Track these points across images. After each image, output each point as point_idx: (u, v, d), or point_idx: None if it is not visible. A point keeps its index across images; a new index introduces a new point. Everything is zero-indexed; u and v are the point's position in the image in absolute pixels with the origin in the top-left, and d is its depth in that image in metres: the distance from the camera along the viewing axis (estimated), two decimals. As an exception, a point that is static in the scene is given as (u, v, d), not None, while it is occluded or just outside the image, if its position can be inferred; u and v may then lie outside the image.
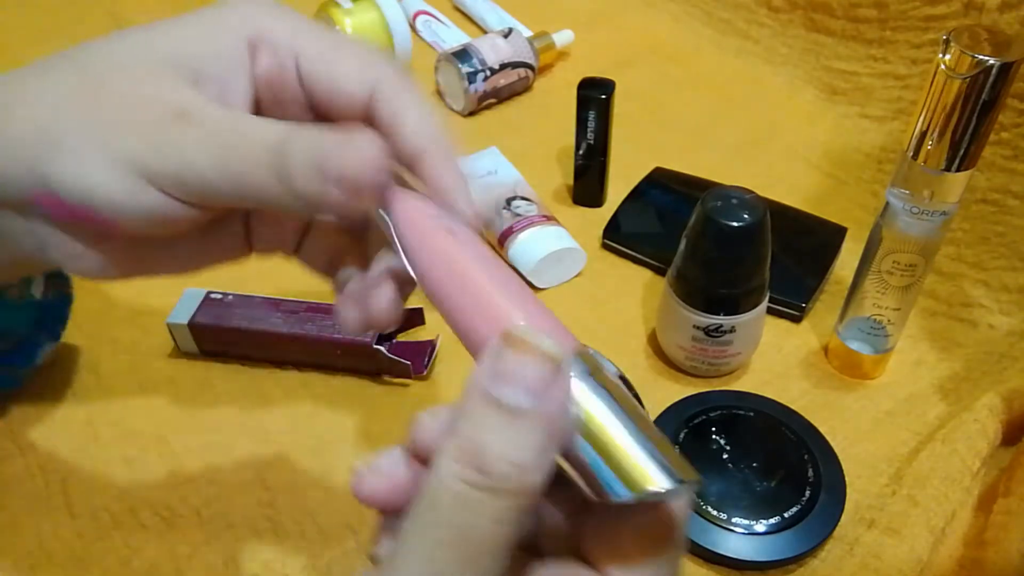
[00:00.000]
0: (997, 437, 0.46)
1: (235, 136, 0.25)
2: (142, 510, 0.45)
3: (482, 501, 0.19)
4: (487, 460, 0.19)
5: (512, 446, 0.19)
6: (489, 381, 0.20)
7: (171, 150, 0.25)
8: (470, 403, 0.20)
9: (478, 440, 0.19)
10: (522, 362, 0.19)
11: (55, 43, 0.87)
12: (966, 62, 0.37)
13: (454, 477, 0.19)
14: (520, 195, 0.61)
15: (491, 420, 0.19)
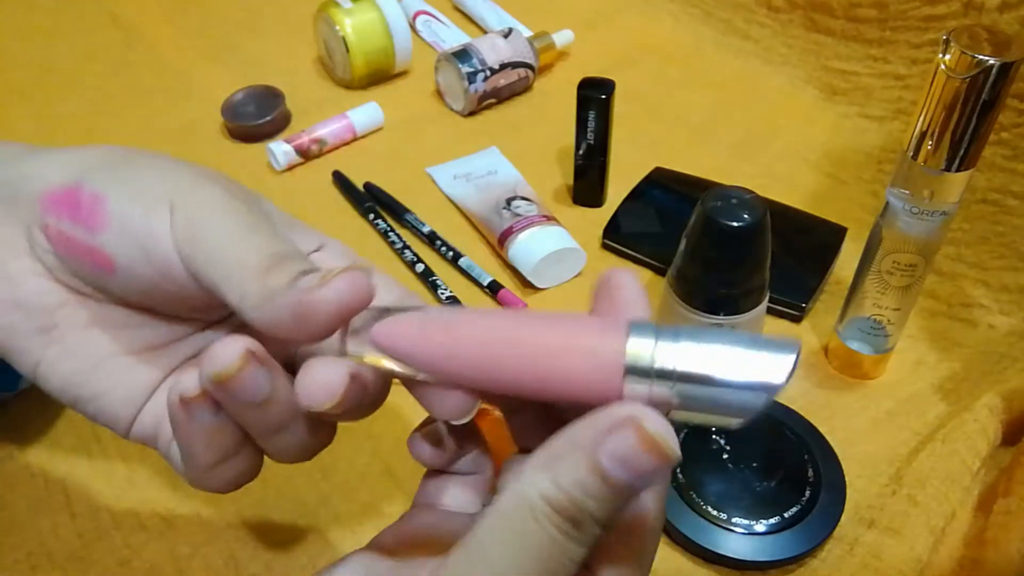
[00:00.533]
0: (997, 437, 0.46)
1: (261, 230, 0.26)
2: (142, 510, 0.45)
3: (568, 547, 0.21)
4: (584, 522, 0.21)
5: (604, 511, 0.21)
6: (605, 455, 0.21)
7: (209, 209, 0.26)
8: (580, 468, 0.21)
9: (581, 503, 0.21)
10: (643, 457, 0.21)
11: (55, 43, 0.87)
12: (966, 62, 0.37)
13: (550, 523, 0.21)
14: (520, 195, 0.61)
15: (597, 490, 0.21)
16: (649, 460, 0.21)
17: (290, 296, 0.23)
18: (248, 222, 0.26)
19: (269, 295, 0.23)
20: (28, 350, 0.28)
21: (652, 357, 0.21)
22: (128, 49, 0.83)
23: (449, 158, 0.69)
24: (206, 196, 0.26)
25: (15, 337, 0.28)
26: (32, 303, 0.28)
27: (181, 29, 0.85)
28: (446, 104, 0.76)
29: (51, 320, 0.28)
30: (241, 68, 0.80)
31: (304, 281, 0.23)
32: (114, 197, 0.26)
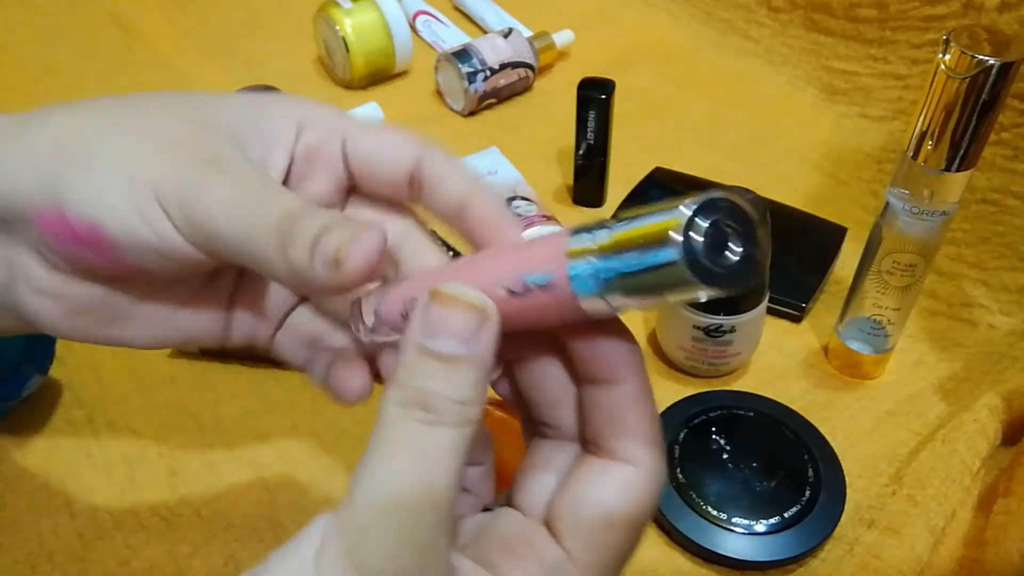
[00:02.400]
0: (997, 437, 0.46)
1: (258, 195, 0.25)
2: (142, 510, 0.45)
3: (436, 434, 0.21)
4: (431, 401, 0.21)
5: (454, 388, 0.21)
6: (422, 335, 0.21)
7: (196, 189, 0.25)
8: (407, 357, 0.21)
9: (420, 386, 0.21)
10: (450, 314, 0.21)
11: (55, 43, 0.87)
12: (966, 62, 0.37)
13: (406, 419, 0.21)
14: (520, 195, 0.61)
15: (429, 368, 0.21)
16: (458, 315, 0.21)
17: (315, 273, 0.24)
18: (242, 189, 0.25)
19: (294, 273, 0.25)
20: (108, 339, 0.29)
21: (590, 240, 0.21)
22: (128, 49, 0.83)
23: (449, 158, 0.69)
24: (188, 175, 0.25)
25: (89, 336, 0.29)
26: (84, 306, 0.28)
27: (181, 29, 0.85)
28: (446, 104, 0.76)
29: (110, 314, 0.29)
30: (241, 68, 0.80)
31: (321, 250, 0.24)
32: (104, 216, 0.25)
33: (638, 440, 0.24)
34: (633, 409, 0.24)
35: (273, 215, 0.25)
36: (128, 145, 0.26)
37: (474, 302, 0.22)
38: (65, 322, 0.28)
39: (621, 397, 0.24)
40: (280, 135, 0.28)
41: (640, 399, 0.24)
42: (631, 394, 0.24)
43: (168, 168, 0.25)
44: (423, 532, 0.21)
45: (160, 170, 0.25)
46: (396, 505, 0.20)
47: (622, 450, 0.24)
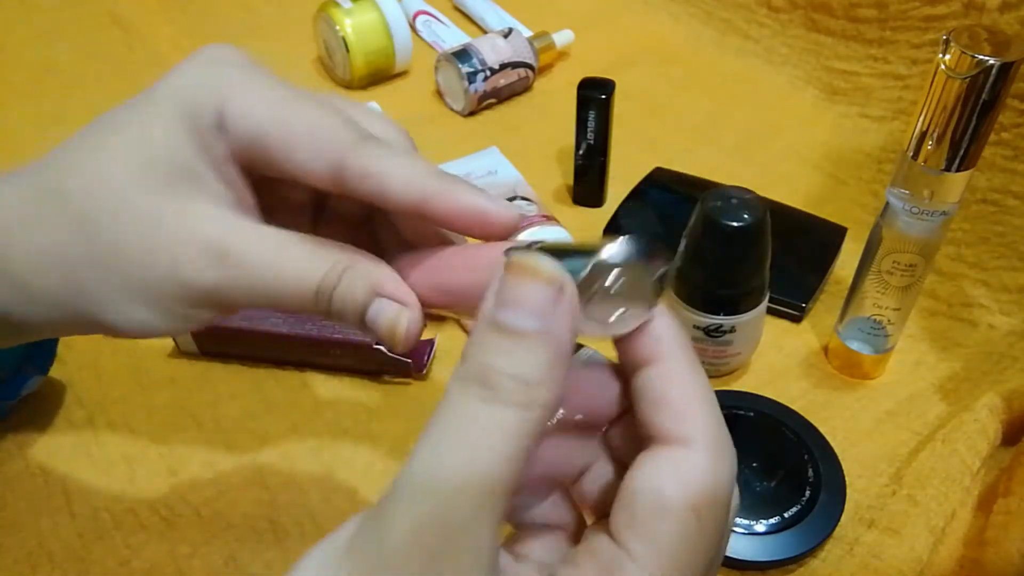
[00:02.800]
0: (997, 437, 0.46)
1: (279, 278, 0.26)
2: (142, 510, 0.45)
3: (490, 414, 0.19)
4: (491, 377, 0.19)
5: (515, 363, 0.19)
6: (494, 309, 0.20)
7: (219, 290, 0.26)
8: (478, 333, 0.20)
9: (483, 361, 0.20)
10: (523, 286, 0.20)
11: (55, 43, 0.87)
12: (966, 62, 0.37)
13: (463, 395, 0.19)
14: (520, 195, 0.61)
15: (495, 343, 0.20)
16: (531, 288, 0.20)
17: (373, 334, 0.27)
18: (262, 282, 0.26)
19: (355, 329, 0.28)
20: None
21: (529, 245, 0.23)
22: (128, 49, 0.83)
23: (449, 158, 0.69)
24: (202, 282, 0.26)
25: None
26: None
27: (181, 29, 0.85)
28: (446, 104, 0.76)
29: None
30: (241, 68, 0.79)
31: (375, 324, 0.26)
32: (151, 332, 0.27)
33: (686, 417, 0.22)
34: (677, 384, 0.22)
35: (307, 291, 0.26)
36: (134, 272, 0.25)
37: (550, 274, 0.20)
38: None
39: (664, 374, 0.22)
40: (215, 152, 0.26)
41: (683, 373, 0.22)
42: (673, 370, 0.22)
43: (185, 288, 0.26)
44: (455, 513, 0.19)
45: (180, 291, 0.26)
46: (430, 484, 0.19)
47: (671, 430, 0.22)
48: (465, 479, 0.19)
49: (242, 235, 0.26)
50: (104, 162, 0.26)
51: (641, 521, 0.21)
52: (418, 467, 0.19)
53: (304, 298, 0.26)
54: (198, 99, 0.26)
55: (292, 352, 0.51)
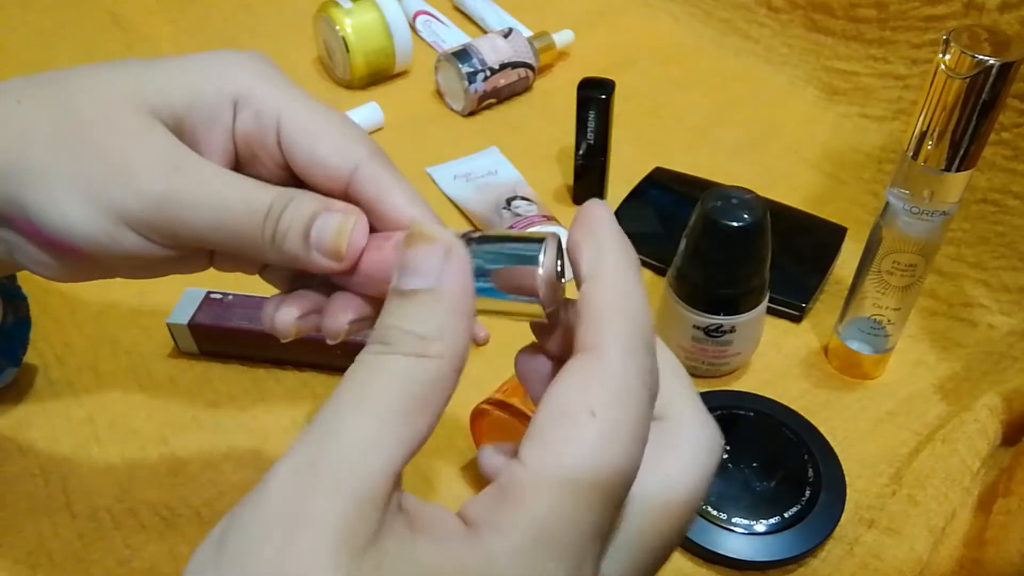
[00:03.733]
0: (997, 437, 0.46)
1: (228, 198, 0.26)
2: (142, 510, 0.45)
3: (392, 362, 0.20)
4: (388, 334, 0.20)
5: (408, 319, 0.20)
6: (395, 278, 0.21)
7: (162, 204, 0.26)
8: (385, 303, 0.21)
9: (383, 323, 0.21)
10: (416, 250, 0.21)
11: (55, 43, 0.87)
12: (966, 62, 0.37)
13: (363, 355, 0.20)
14: (520, 195, 0.61)
15: (394, 305, 0.21)
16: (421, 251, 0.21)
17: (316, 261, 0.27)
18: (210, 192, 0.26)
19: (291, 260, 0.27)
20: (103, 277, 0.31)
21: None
22: (128, 49, 0.83)
23: (449, 158, 0.69)
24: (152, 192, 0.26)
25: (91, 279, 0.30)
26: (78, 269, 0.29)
27: (181, 29, 0.85)
28: (446, 104, 0.76)
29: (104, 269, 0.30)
30: (241, 68, 0.80)
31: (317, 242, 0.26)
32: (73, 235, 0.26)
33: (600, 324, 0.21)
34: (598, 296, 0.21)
35: (254, 216, 0.26)
36: (83, 161, 0.26)
37: (438, 236, 0.21)
38: (66, 277, 0.29)
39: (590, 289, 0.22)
40: (219, 116, 0.28)
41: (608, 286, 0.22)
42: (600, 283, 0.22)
43: (129, 188, 0.26)
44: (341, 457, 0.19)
45: (122, 190, 0.26)
46: (323, 437, 0.19)
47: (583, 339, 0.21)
48: (358, 427, 0.19)
49: (200, 162, 0.27)
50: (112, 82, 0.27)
51: (538, 429, 0.20)
52: (313, 426, 0.20)
53: (252, 220, 0.26)
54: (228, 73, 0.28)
55: (292, 352, 0.51)
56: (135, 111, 0.27)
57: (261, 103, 0.28)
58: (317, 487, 0.18)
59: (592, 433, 0.19)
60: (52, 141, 0.26)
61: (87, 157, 0.26)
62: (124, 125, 0.27)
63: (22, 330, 0.49)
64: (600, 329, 0.21)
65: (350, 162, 0.28)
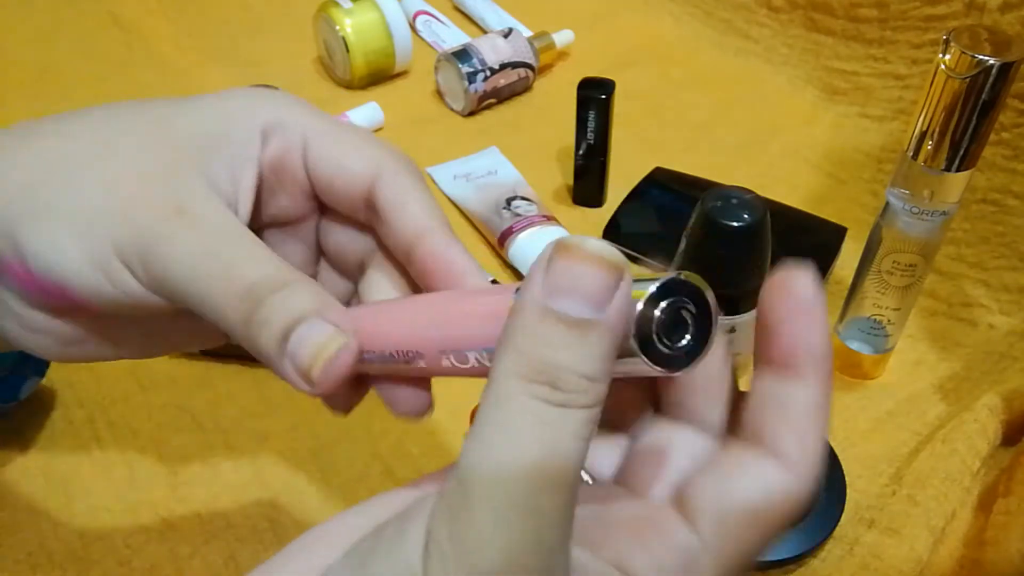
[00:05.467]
0: (997, 437, 0.46)
1: (222, 255, 0.24)
2: (142, 510, 0.45)
3: (562, 417, 0.18)
4: (561, 377, 0.18)
5: (582, 360, 0.18)
6: (547, 295, 0.18)
7: (157, 246, 0.24)
8: (527, 319, 0.18)
9: (547, 358, 0.18)
10: (580, 271, 0.18)
11: (55, 43, 0.87)
12: (966, 62, 0.37)
13: (528, 396, 0.18)
14: (520, 195, 0.61)
15: (557, 335, 0.18)
16: (592, 274, 0.18)
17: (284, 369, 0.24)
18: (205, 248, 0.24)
19: (260, 355, 0.24)
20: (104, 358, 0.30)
21: None
22: (128, 49, 0.83)
23: (449, 158, 0.69)
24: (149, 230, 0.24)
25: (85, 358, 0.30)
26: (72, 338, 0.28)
27: (181, 29, 0.85)
28: (446, 104, 0.76)
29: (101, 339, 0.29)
30: (241, 68, 0.80)
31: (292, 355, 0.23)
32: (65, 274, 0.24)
33: (807, 450, 0.21)
34: (813, 416, 0.21)
35: (236, 285, 0.24)
36: (87, 195, 0.25)
37: (608, 257, 0.18)
38: (58, 352, 0.28)
39: (807, 398, 0.21)
40: (247, 148, 0.27)
41: (822, 405, 0.21)
42: (817, 398, 0.21)
43: (127, 222, 0.24)
44: (548, 530, 0.18)
45: (120, 225, 0.24)
46: (521, 501, 0.17)
47: (788, 452, 0.21)
48: (554, 491, 0.18)
49: (208, 209, 0.25)
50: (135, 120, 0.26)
51: (731, 524, 0.20)
52: (501, 479, 0.18)
53: (233, 290, 0.24)
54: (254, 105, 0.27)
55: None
56: (155, 148, 0.26)
57: (290, 126, 0.27)
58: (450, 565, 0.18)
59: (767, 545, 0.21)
60: (62, 179, 0.25)
61: (95, 192, 0.25)
62: (139, 160, 0.25)
63: None
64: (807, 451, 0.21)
65: (372, 169, 0.27)
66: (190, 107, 0.27)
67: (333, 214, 0.30)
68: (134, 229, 0.24)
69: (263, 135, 0.27)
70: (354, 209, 0.28)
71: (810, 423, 0.21)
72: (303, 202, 0.29)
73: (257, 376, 0.52)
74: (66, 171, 0.25)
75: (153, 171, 0.25)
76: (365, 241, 0.29)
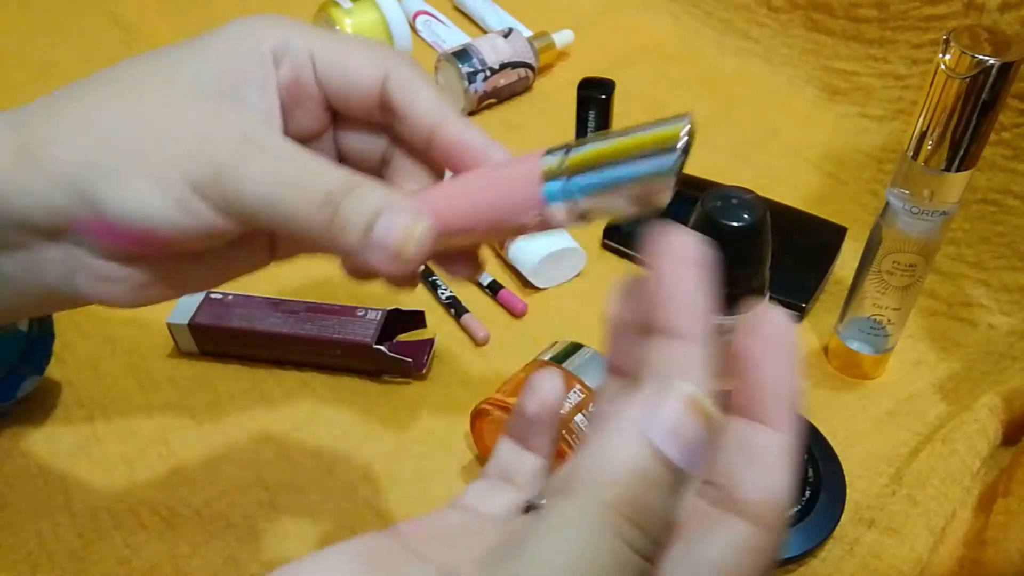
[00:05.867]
0: (997, 437, 0.46)
1: (295, 173, 0.26)
2: (142, 510, 0.45)
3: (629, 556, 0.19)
4: (646, 521, 0.19)
5: (662, 504, 0.19)
6: (657, 432, 0.19)
7: (232, 173, 0.26)
8: (626, 442, 0.19)
9: (641, 495, 0.19)
10: (691, 421, 0.19)
11: (55, 43, 0.87)
12: (966, 62, 0.37)
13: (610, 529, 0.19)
14: (520, 195, 0.61)
15: (655, 472, 0.19)
16: (697, 427, 0.19)
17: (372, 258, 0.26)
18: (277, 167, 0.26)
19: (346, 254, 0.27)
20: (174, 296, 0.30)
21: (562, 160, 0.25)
22: (128, 49, 0.83)
23: (449, 158, 0.69)
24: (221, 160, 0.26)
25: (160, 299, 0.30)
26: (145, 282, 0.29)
27: (181, 29, 0.85)
28: (446, 104, 0.75)
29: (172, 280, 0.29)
30: (241, 68, 0.80)
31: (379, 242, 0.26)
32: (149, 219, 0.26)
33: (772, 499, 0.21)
34: (778, 462, 0.22)
35: (313, 197, 0.26)
36: (153, 145, 0.26)
37: (715, 416, 0.19)
38: (133, 297, 0.29)
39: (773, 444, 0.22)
40: (265, 76, 0.28)
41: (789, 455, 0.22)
42: (783, 445, 0.22)
43: (200, 159, 0.26)
44: None
45: (192, 162, 0.26)
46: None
47: (753, 506, 0.21)
48: None
49: (268, 133, 0.27)
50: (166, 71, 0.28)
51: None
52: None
53: (312, 200, 0.26)
54: (257, 33, 0.29)
55: (292, 352, 0.51)
56: (191, 94, 0.27)
57: (296, 46, 0.29)
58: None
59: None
60: (125, 132, 0.26)
61: (159, 140, 0.26)
62: (188, 105, 0.27)
63: (47, 341, 0.49)
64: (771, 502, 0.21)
65: (380, 71, 0.29)
66: (203, 48, 0.29)
67: (348, 121, 0.31)
68: (207, 163, 0.26)
69: (274, 60, 0.29)
70: (368, 112, 0.30)
71: (777, 473, 0.22)
72: (320, 115, 0.30)
73: (257, 376, 0.52)
74: (124, 129, 0.26)
75: (204, 113, 0.27)
76: (381, 141, 0.31)
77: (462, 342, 0.54)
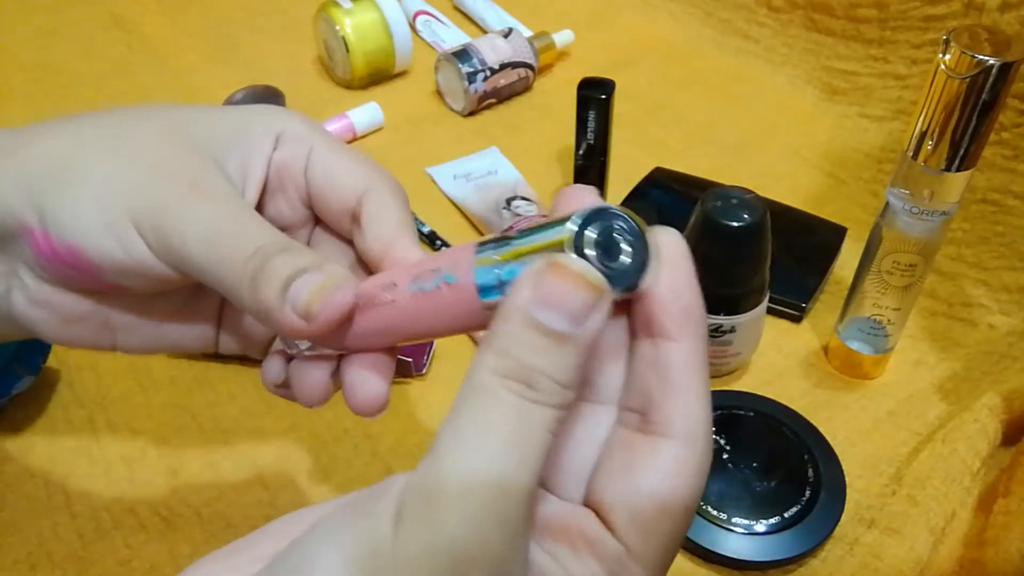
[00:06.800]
0: (997, 437, 0.46)
1: (232, 224, 0.26)
2: (142, 510, 0.45)
3: (538, 412, 0.20)
4: (536, 379, 0.20)
5: (557, 368, 0.20)
6: (534, 305, 0.20)
7: (170, 213, 0.26)
8: (512, 325, 0.20)
9: (526, 361, 0.20)
10: (567, 289, 0.20)
11: (55, 43, 0.87)
12: (966, 62, 0.37)
13: (505, 391, 0.20)
14: (520, 195, 0.61)
15: (535, 342, 0.20)
16: (575, 291, 0.20)
17: (284, 316, 0.25)
18: (216, 216, 0.26)
19: (262, 311, 0.25)
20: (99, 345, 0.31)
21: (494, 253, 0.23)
22: (128, 49, 0.83)
23: (449, 158, 0.69)
24: (163, 198, 0.26)
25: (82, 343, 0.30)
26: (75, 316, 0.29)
27: (181, 29, 0.85)
28: (446, 104, 0.76)
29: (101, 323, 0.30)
30: (241, 68, 0.80)
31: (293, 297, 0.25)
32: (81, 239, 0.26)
33: (691, 411, 0.22)
34: (689, 373, 0.23)
35: (245, 248, 0.26)
36: (108, 168, 0.27)
37: (593, 279, 0.20)
38: (58, 330, 0.29)
39: (681, 357, 0.23)
40: (261, 145, 0.29)
41: (699, 364, 0.23)
42: (690, 354, 0.23)
43: (144, 191, 0.26)
44: (514, 515, 0.19)
45: (136, 194, 0.26)
46: (491, 482, 0.19)
47: (674, 423, 0.22)
48: (520, 479, 0.19)
49: (219, 184, 0.27)
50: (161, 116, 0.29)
51: (646, 522, 0.22)
52: (474, 460, 0.19)
53: (243, 252, 0.25)
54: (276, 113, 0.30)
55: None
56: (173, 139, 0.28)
57: (301, 136, 0.30)
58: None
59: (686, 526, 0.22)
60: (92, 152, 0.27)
61: (116, 166, 0.27)
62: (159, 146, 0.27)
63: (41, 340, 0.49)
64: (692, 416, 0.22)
65: (363, 184, 0.29)
66: (212, 112, 0.30)
67: (323, 226, 0.32)
68: (150, 198, 0.26)
69: (276, 139, 0.30)
70: (340, 219, 0.30)
71: (691, 385, 0.22)
72: (299, 209, 0.31)
73: (257, 376, 0.52)
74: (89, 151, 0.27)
75: (171, 153, 0.27)
76: (347, 254, 0.31)
77: (462, 342, 0.54)
